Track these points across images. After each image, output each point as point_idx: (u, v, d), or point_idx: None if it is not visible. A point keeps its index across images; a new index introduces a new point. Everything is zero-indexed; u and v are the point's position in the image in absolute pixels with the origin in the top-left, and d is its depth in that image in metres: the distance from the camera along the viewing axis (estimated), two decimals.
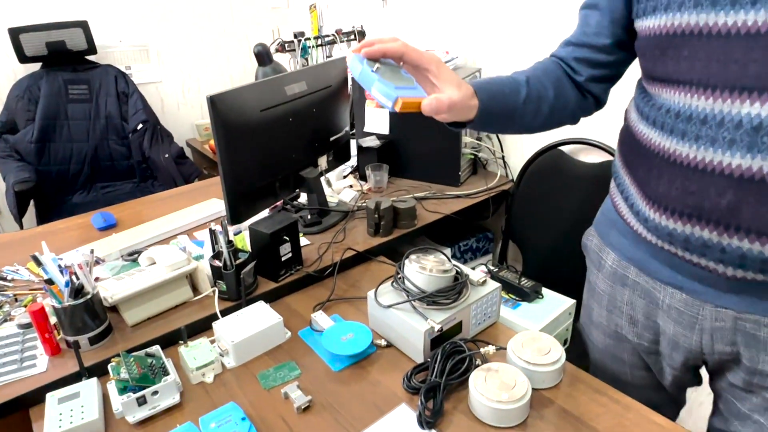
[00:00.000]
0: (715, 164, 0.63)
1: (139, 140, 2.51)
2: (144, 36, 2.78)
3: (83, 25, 2.41)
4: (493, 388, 0.79)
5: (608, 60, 0.83)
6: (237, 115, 1.16)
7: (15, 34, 2.29)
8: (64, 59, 2.42)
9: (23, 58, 2.34)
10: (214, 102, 1.10)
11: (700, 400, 0.88)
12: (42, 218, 2.38)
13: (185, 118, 3.03)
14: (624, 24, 0.79)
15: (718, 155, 0.63)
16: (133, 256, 1.25)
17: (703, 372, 0.86)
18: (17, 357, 0.95)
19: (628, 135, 0.80)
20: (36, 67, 2.43)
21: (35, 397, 0.88)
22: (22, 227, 2.22)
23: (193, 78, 3.00)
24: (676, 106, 0.68)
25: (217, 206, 1.55)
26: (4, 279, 1.22)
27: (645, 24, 0.70)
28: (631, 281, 0.83)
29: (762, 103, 0.58)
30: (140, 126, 2.49)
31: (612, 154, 1.44)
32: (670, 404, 0.93)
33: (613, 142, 1.44)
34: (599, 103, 0.90)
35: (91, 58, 2.52)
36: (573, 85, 0.86)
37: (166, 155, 2.41)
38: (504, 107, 0.80)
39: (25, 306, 1.10)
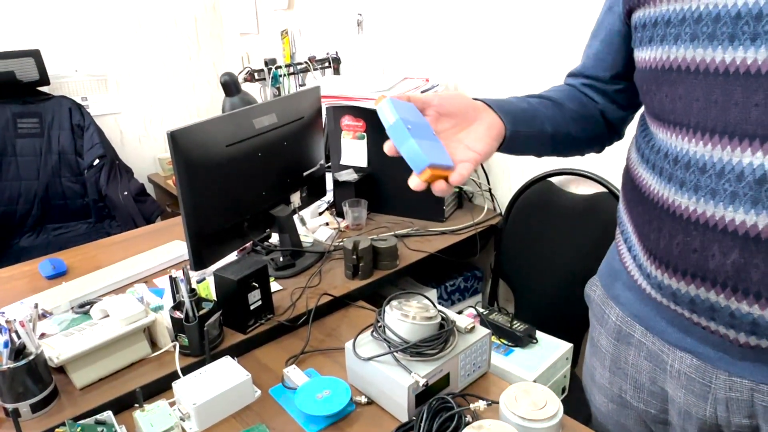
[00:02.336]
0: (717, 219, 0.61)
1: (95, 177, 2.49)
2: (102, 65, 2.79)
3: (35, 55, 2.42)
4: None
5: (615, 89, 0.85)
6: (200, 151, 1.16)
7: None
8: (12, 91, 2.41)
9: None
10: (175, 138, 1.10)
11: None
12: None
13: (147, 151, 3.02)
14: (624, 55, 0.81)
15: (720, 209, 0.61)
16: (84, 308, 1.22)
17: None
18: None
19: (628, 178, 0.79)
20: None
21: None
22: None
23: (155, 109, 3.01)
24: (673, 150, 0.66)
25: (180, 249, 1.53)
26: None
27: (641, 55, 0.71)
28: (637, 341, 0.80)
29: (765, 153, 0.57)
30: (97, 161, 2.47)
31: (603, 185, 1.46)
32: None
33: (604, 172, 1.47)
34: (617, 131, 0.91)
35: (43, 89, 2.51)
36: (594, 109, 0.88)
37: (125, 193, 2.39)
38: (528, 135, 0.80)
39: None
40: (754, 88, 0.57)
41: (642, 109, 0.79)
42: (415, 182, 0.64)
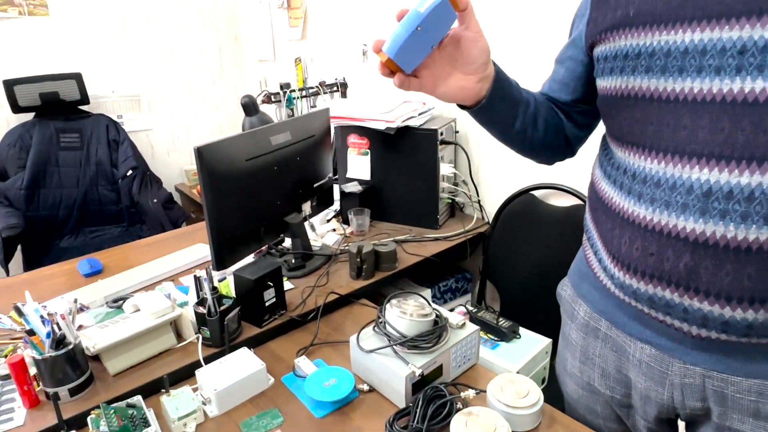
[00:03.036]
0: (670, 227, 0.62)
1: (128, 186, 2.48)
2: (136, 87, 2.79)
3: (77, 77, 2.42)
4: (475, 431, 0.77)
5: (577, 111, 0.85)
6: (223, 164, 1.16)
7: (9, 85, 2.28)
8: (56, 109, 2.41)
9: (16, 109, 2.32)
10: (201, 152, 1.09)
11: None
12: (29, 263, 2.32)
13: (174, 164, 3.02)
14: (584, 82, 0.80)
15: (673, 219, 0.61)
16: (117, 303, 1.21)
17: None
18: None
19: (593, 191, 0.79)
20: (29, 116, 2.41)
21: None
22: (8, 273, 2.15)
23: (182, 126, 3.01)
24: (632, 167, 0.67)
25: (203, 251, 1.52)
26: None
27: (602, 84, 0.71)
28: (603, 334, 0.80)
29: (710, 170, 0.58)
30: (130, 172, 2.47)
31: (579, 198, 1.46)
32: None
33: (580, 187, 1.47)
34: (571, 147, 0.90)
35: (83, 107, 2.51)
36: (558, 121, 0.86)
37: (155, 200, 2.38)
38: (511, 97, 0.78)
39: (5, 356, 1.05)
40: (701, 113, 0.58)
41: (604, 132, 0.79)
42: (376, 49, 0.67)
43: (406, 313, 0.91)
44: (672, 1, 0.60)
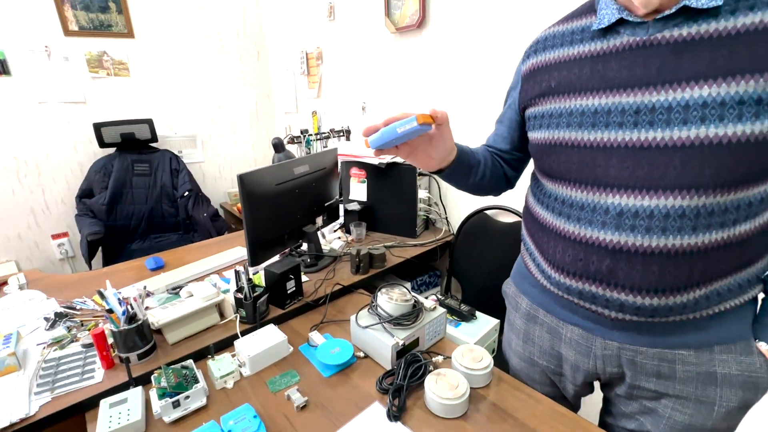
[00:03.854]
0: (594, 239, 0.61)
1: (185, 203, 2.46)
2: (193, 129, 2.79)
3: (149, 122, 2.41)
4: (443, 388, 0.77)
5: (513, 157, 0.85)
6: (258, 187, 1.16)
7: (98, 127, 2.26)
8: (132, 145, 2.40)
9: (102, 144, 2.30)
10: (242, 179, 1.09)
11: (593, 401, 0.85)
12: (107, 261, 2.27)
13: (220, 188, 2.99)
14: (519, 135, 0.80)
15: (595, 233, 0.61)
16: (175, 290, 1.20)
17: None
18: (79, 370, 0.89)
19: (528, 214, 0.78)
20: (111, 150, 2.40)
21: (91, 403, 0.81)
22: (90, 268, 2.11)
23: (227, 160, 3.00)
24: (561, 196, 0.67)
25: (240, 252, 1.51)
26: (74, 308, 1.15)
27: (534, 136, 0.71)
28: (541, 320, 0.78)
29: (621, 197, 0.58)
30: (186, 193, 2.45)
31: (519, 216, 1.47)
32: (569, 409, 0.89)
33: (519, 207, 1.49)
34: (511, 184, 0.89)
35: (153, 144, 2.50)
36: (499, 169, 0.86)
37: (204, 215, 2.36)
38: (467, 164, 0.79)
39: (89, 330, 1.03)
40: (610, 156, 0.59)
41: (533, 169, 0.78)
42: (364, 135, 0.65)
43: (393, 298, 0.92)
44: (583, 75, 0.62)
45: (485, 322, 1.20)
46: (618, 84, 0.58)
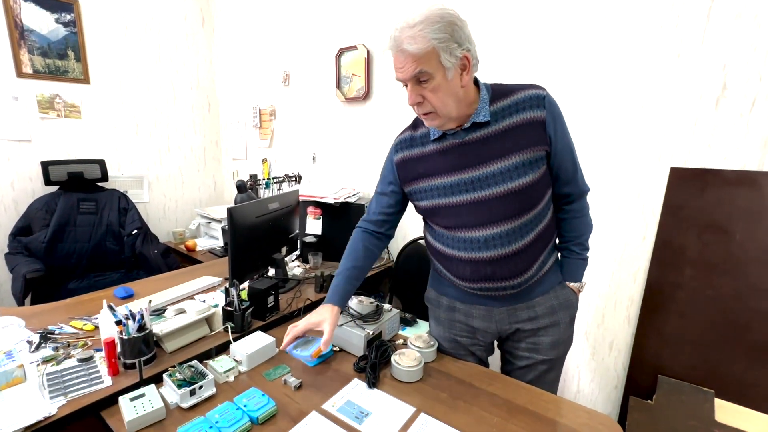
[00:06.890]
0: (477, 258, 0.88)
1: (132, 241, 2.37)
2: (140, 170, 2.73)
3: (101, 163, 2.34)
4: (405, 360, 0.98)
5: (395, 219, 1.05)
6: (243, 219, 1.29)
7: (45, 166, 2.15)
8: (80, 185, 2.29)
9: (48, 182, 2.18)
10: (231, 211, 1.23)
11: (495, 363, 1.06)
12: (40, 300, 2.07)
13: (164, 228, 2.89)
14: (400, 200, 1.01)
15: (475, 253, 0.88)
16: (158, 312, 1.24)
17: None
18: (85, 379, 0.93)
19: (430, 245, 1.01)
20: (54, 188, 2.27)
21: (107, 403, 0.87)
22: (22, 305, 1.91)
23: (173, 201, 2.94)
24: (446, 234, 0.92)
25: (209, 280, 1.57)
26: (53, 333, 1.14)
27: (419, 204, 0.95)
28: (458, 308, 1.00)
29: (475, 232, 0.86)
30: (135, 231, 2.37)
31: None
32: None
33: None
34: (388, 240, 1.07)
35: (100, 183, 2.41)
36: (376, 238, 1.04)
37: (155, 251, 2.30)
38: (351, 293, 1.01)
39: (81, 348, 1.06)
40: (465, 209, 0.88)
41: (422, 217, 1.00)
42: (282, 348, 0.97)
43: (362, 302, 1.12)
44: (439, 164, 0.90)
45: (423, 326, 1.45)
46: (457, 167, 0.88)
